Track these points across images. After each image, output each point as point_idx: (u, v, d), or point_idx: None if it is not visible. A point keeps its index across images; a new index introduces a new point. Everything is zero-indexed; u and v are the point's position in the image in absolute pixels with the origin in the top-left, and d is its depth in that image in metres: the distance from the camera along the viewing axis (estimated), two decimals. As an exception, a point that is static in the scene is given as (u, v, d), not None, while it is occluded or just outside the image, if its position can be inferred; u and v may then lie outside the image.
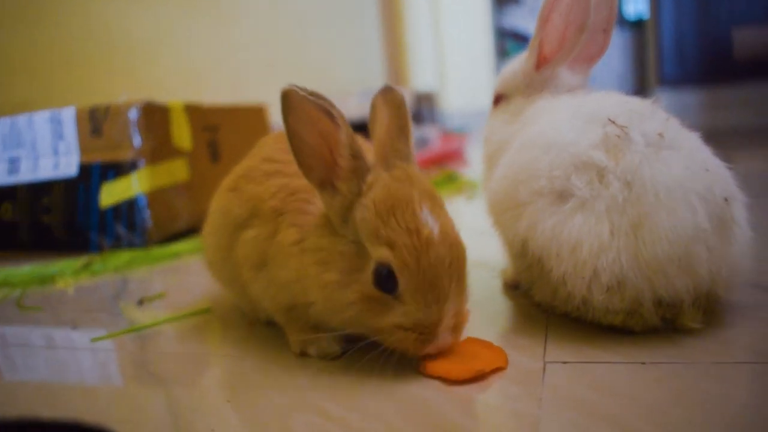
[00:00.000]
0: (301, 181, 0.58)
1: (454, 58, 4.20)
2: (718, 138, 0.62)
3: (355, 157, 0.52)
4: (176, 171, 1.33)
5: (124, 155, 1.25)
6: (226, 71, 2.33)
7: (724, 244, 0.54)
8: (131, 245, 1.24)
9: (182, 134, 1.35)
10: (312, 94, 0.51)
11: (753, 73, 4.06)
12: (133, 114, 1.25)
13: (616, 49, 6.49)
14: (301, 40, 2.92)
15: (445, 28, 4.20)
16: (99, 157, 1.27)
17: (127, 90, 1.44)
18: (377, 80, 3.58)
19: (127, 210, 1.25)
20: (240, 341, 0.68)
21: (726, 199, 0.55)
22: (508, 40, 6.12)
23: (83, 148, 1.28)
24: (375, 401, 0.50)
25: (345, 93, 3.06)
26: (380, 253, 0.50)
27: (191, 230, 1.36)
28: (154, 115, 1.28)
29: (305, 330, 0.60)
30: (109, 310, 0.87)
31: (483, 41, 4.28)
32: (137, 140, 1.25)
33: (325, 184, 0.54)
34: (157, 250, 1.19)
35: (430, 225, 0.51)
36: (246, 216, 0.63)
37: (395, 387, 0.52)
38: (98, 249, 1.25)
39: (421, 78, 4.02)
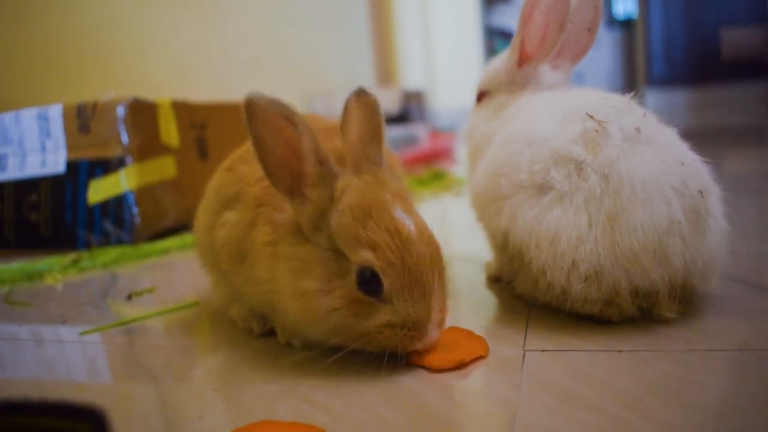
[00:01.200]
0: None
1: (443, 57, 4.22)
2: (706, 137, 0.63)
3: (321, 162, 0.52)
4: (164, 168, 1.33)
5: (112, 152, 1.25)
6: (213, 69, 2.33)
7: (699, 236, 0.56)
8: (119, 242, 1.24)
9: (170, 131, 1.35)
10: (273, 102, 0.51)
11: (740, 73, 4.11)
12: (120, 111, 1.25)
13: (606, 49, 6.53)
14: (289, 39, 2.92)
15: (434, 26, 4.21)
16: (86, 155, 1.27)
17: (114, 87, 1.44)
18: (366, 79, 3.59)
19: (115, 207, 1.25)
20: (227, 334, 0.69)
21: (701, 192, 0.57)
22: (497, 39, 6.15)
23: (70, 146, 1.28)
24: (359, 389, 0.51)
25: (333, 92, 3.06)
26: (362, 256, 0.50)
27: (179, 227, 1.36)
28: (142, 112, 1.28)
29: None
30: (97, 306, 0.87)
31: (472, 40, 4.30)
32: (125, 137, 1.25)
33: (294, 192, 0.54)
34: (146, 247, 1.19)
35: (407, 224, 0.51)
36: (233, 196, 0.62)
37: (379, 376, 0.53)
38: (86, 246, 1.25)
39: (410, 77, 4.03)
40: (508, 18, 6.47)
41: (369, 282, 0.50)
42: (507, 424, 0.43)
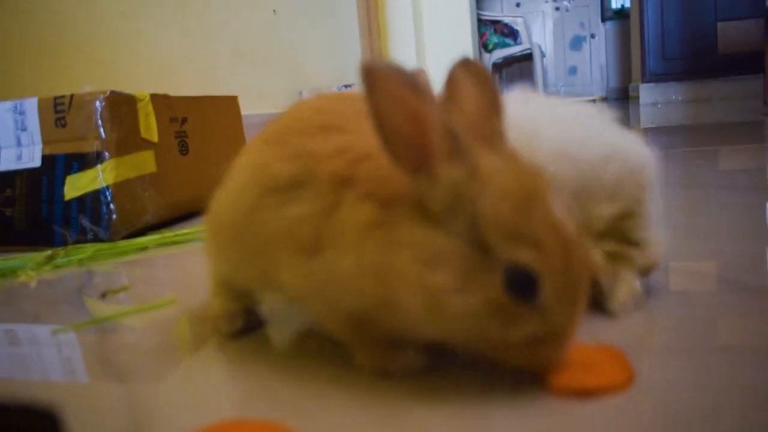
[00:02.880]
0: (368, 145, 0.48)
1: (434, 50, 4.21)
2: (701, 132, 0.62)
3: (452, 137, 0.44)
4: (143, 163, 1.31)
5: (89, 147, 1.23)
6: (195, 62, 2.30)
7: None
8: (96, 239, 1.22)
9: (149, 125, 1.33)
10: (395, 69, 0.43)
11: (736, 68, 4.12)
12: (97, 104, 1.23)
13: (601, 44, 6.54)
14: (275, 31, 2.89)
15: (426, 19, 4.20)
16: (63, 149, 1.25)
17: (92, 80, 1.41)
18: (355, 73, 3.57)
19: (92, 203, 1.23)
20: (203, 333, 0.68)
21: None
22: (489, 32, 6.13)
23: (46, 140, 1.25)
24: (333, 390, 0.49)
25: (322, 86, 3.04)
26: (521, 254, 0.42)
27: (159, 224, 1.34)
28: (120, 106, 1.26)
29: (378, 339, 0.51)
30: (72, 303, 0.86)
31: (464, 32, 4.29)
32: (102, 131, 1.23)
33: (420, 170, 0.45)
34: (123, 244, 1.17)
35: (568, 221, 0.44)
36: (293, 178, 0.51)
37: (355, 377, 0.51)
38: (62, 242, 1.23)
39: (399, 70, 4.01)
40: (500, 10, 6.46)
41: (524, 284, 0.42)
42: None
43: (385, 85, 0.43)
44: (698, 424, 0.40)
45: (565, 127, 0.59)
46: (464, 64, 0.50)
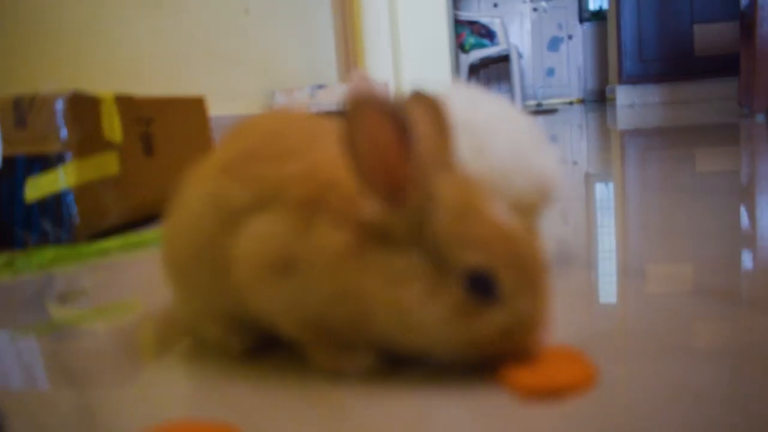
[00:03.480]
0: (335, 170, 0.51)
1: (410, 50, 4.21)
2: (677, 134, 0.62)
3: (422, 164, 0.47)
4: (106, 165, 1.29)
5: (50, 148, 1.20)
6: (165, 63, 2.26)
7: None
8: (58, 241, 1.20)
9: (112, 126, 1.31)
10: (373, 100, 0.45)
11: (712, 70, 4.18)
12: (59, 105, 1.20)
13: (578, 45, 6.60)
14: (247, 31, 2.87)
15: (402, 18, 4.20)
16: (24, 150, 1.22)
17: (56, 80, 1.39)
18: (330, 72, 3.55)
19: (54, 205, 1.21)
20: (160, 337, 0.68)
21: None
22: (466, 33, 6.16)
23: (7, 140, 1.23)
24: (281, 390, 0.49)
25: (295, 86, 3.03)
26: (471, 256, 0.46)
27: (122, 226, 1.33)
28: (82, 106, 1.24)
29: (334, 342, 0.53)
30: (31, 309, 0.84)
31: (440, 32, 4.30)
32: (64, 132, 1.20)
33: (388, 196, 0.48)
34: (85, 247, 1.15)
35: (510, 219, 0.47)
36: (254, 202, 0.52)
37: (303, 377, 0.51)
38: (23, 245, 1.20)
39: (376, 70, 4.01)
40: (477, 11, 6.50)
41: (479, 284, 0.46)
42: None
43: (362, 115, 0.45)
44: (658, 425, 0.40)
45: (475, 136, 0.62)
46: (415, 98, 0.54)
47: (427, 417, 0.44)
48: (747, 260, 0.81)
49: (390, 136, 0.46)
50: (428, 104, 0.53)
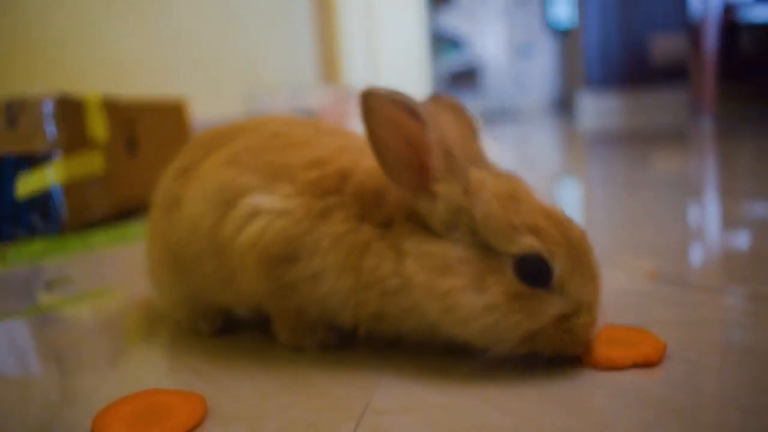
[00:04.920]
0: (345, 160, 0.52)
1: (387, 56, 4.27)
2: (636, 138, 0.69)
3: (448, 156, 0.47)
4: (91, 163, 1.36)
5: (39, 147, 1.27)
6: (148, 66, 2.32)
7: None
8: (46, 235, 1.27)
9: (98, 127, 1.38)
10: (393, 95, 0.46)
11: (666, 77, 4.33)
12: (47, 106, 1.27)
13: (546, 53, 6.71)
14: (228, 35, 2.91)
15: (379, 24, 4.26)
16: (13, 149, 1.28)
17: (45, 82, 1.45)
18: (308, 76, 3.61)
19: (42, 201, 1.27)
20: (140, 320, 0.74)
21: None
22: (442, 40, 6.25)
23: (-2, 140, 1.29)
24: (247, 363, 0.56)
25: (275, 89, 3.08)
26: (524, 243, 0.45)
27: (107, 221, 1.39)
28: (70, 108, 1.31)
29: (300, 321, 0.56)
30: (19, 296, 0.90)
31: (417, 40, 4.37)
32: (51, 132, 1.27)
33: (418, 189, 0.48)
34: (72, 240, 1.22)
35: (554, 206, 0.48)
36: (259, 182, 0.52)
37: (268, 350, 0.58)
38: (12, 239, 1.27)
39: (354, 75, 4.07)
40: (453, 19, 6.58)
41: (536, 270, 0.45)
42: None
43: (383, 111, 0.47)
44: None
45: None
46: (435, 100, 0.56)
47: (379, 383, 0.50)
48: (696, 247, 0.90)
49: (407, 128, 0.46)
50: (449, 105, 0.55)
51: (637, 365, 0.48)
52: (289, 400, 0.48)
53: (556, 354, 0.47)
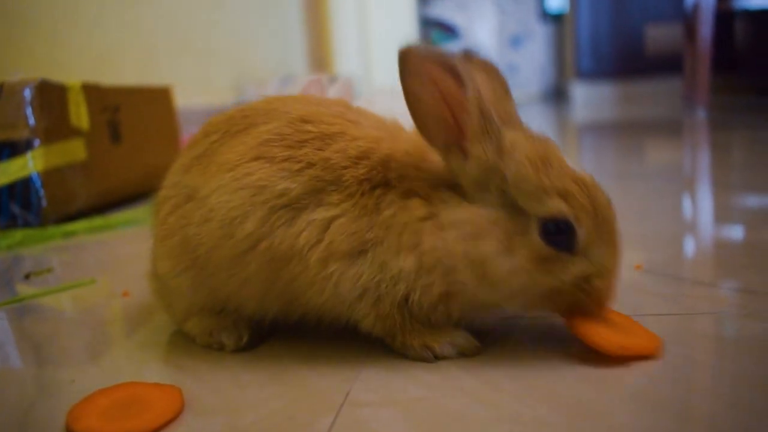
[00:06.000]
0: (382, 147, 0.52)
1: (378, 45, 4.26)
2: (629, 128, 0.68)
3: (484, 116, 0.47)
4: (73, 151, 1.33)
5: (19, 134, 1.24)
6: (134, 53, 2.28)
7: None
8: (26, 224, 1.24)
9: (79, 114, 1.35)
10: (431, 51, 0.46)
11: (661, 68, 4.33)
12: (27, 93, 1.24)
13: (539, 43, 6.70)
14: (216, 23, 2.89)
15: (370, 12, 4.24)
16: (-8, 136, 1.26)
17: (26, 69, 1.42)
18: (299, 65, 3.59)
19: (22, 189, 1.25)
20: (120, 312, 0.73)
21: None
22: (432, 30, 6.23)
23: (-25, 127, 1.26)
24: (226, 356, 0.55)
25: (264, 78, 3.05)
26: (553, 206, 0.46)
27: (89, 210, 1.37)
28: (50, 94, 1.28)
29: (429, 326, 0.52)
30: None
31: (408, 30, 4.35)
32: (31, 119, 1.24)
33: (451, 147, 0.49)
34: (52, 229, 1.20)
35: (583, 172, 0.49)
36: (304, 191, 0.50)
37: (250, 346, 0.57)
38: (-9, 228, 1.24)
39: (345, 64, 4.05)
40: (444, 9, 6.56)
41: (559, 233, 0.47)
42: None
43: (421, 68, 0.47)
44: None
45: None
46: (468, 58, 0.54)
47: (359, 376, 0.50)
48: (688, 239, 0.89)
49: (443, 85, 0.47)
50: (482, 64, 0.54)
51: (640, 357, 0.48)
52: (268, 392, 0.48)
53: (572, 313, 0.48)
